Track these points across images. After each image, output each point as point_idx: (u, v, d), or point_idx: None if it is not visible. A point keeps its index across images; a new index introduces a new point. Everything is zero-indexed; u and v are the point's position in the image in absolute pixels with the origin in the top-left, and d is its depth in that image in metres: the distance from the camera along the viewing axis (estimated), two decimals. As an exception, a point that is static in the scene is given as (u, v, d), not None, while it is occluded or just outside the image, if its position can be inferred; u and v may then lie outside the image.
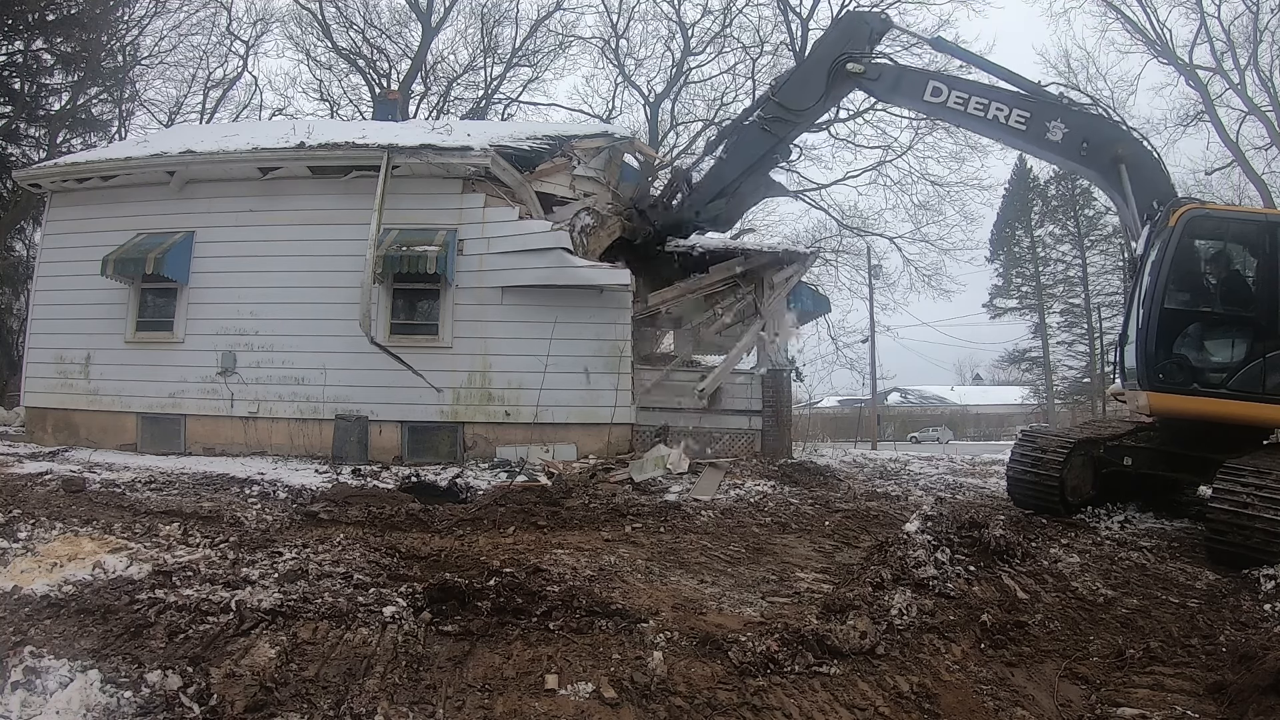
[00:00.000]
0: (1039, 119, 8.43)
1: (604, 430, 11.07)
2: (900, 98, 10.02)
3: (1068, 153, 8.43)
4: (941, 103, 8.98)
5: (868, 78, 9.53)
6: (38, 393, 11.93)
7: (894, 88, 9.65)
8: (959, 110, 8.93)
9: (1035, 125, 8.44)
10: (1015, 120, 8.55)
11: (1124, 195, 7.85)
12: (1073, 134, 8.28)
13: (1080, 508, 7.35)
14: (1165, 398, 6.64)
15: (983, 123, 8.87)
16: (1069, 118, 8.39)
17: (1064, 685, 3.48)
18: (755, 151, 10.37)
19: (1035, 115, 8.45)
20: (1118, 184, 7.96)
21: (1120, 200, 8.03)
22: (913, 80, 9.47)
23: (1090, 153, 8.19)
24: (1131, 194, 7.77)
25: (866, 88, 10.00)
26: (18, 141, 22.31)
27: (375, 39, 28.37)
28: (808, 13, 25.04)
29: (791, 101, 9.97)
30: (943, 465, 14.00)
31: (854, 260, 29.56)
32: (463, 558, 5.26)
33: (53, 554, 4.63)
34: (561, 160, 12.79)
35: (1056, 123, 8.34)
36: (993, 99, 8.69)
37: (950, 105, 8.93)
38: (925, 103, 9.26)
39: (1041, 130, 8.40)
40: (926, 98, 9.10)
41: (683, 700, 3.15)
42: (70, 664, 2.92)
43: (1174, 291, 6.63)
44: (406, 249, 10.74)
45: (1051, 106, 8.51)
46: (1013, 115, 8.56)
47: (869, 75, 9.49)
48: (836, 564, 5.57)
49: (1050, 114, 8.42)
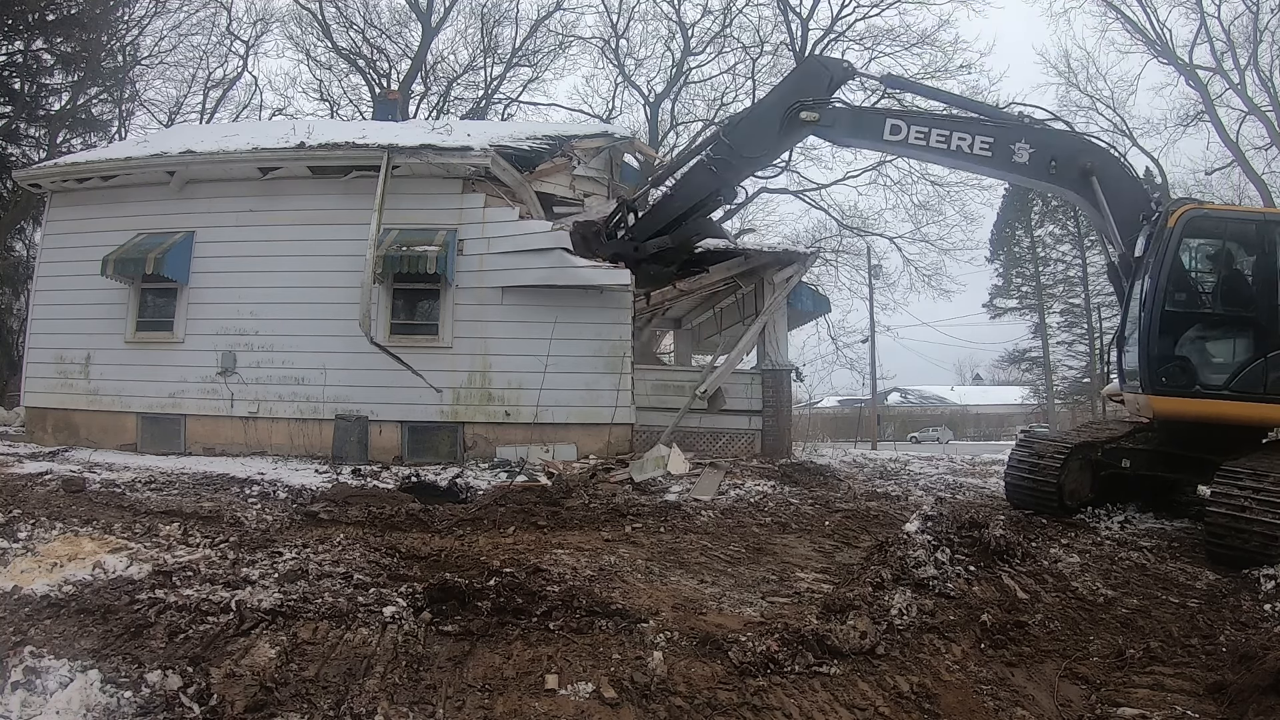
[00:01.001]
0: (1003, 142, 8.25)
1: (604, 430, 11.07)
2: (859, 140, 9.79)
3: (1037, 173, 8.24)
4: (902, 139, 8.75)
5: (823, 124, 9.23)
6: (38, 393, 11.93)
7: (852, 131, 9.39)
8: (921, 145, 8.70)
9: (1000, 149, 8.26)
10: (980, 148, 8.35)
11: (1098, 206, 7.76)
12: (1039, 153, 8.12)
13: (1079, 510, 7.34)
14: (1168, 400, 6.63)
15: (947, 155, 8.66)
16: (1032, 136, 8.24)
17: (1064, 685, 3.48)
18: (699, 191, 10.06)
19: (999, 139, 8.28)
20: (1091, 196, 7.84)
21: (1095, 212, 7.93)
22: (869, 121, 9.20)
23: (1059, 169, 8.02)
24: (1105, 204, 7.70)
25: (822, 134, 9.63)
26: (18, 141, 22.32)
27: (375, 39, 28.42)
28: (808, 13, 25.10)
29: (743, 146, 9.67)
30: (943, 465, 14.00)
31: (854, 260, 29.62)
32: (463, 558, 5.26)
33: (53, 554, 4.63)
34: (561, 160, 12.80)
35: (1021, 144, 8.16)
36: (954, 129, 8.49)
37: (911, 141, 8.70)
38: (885, 142, 8.99)
39: (1008, 154, 8.22)
40: (886, 137, 8.85)
41: (683, 700, 3.15)
42: (70, 664, 2.92)
43: (1174, 293, 6.61)
44: (406, 249, 10.74)
45: (1014, 128, 8.36)
46: (976, 143, 8.36)
47: (824, 122, 9.20)
48: (836, 564, 5.57)
49: (1013, 136, 8.25)
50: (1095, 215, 8.03)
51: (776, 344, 12.16)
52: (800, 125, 9.35)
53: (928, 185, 26.65)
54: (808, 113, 9.18)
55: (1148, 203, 7.74)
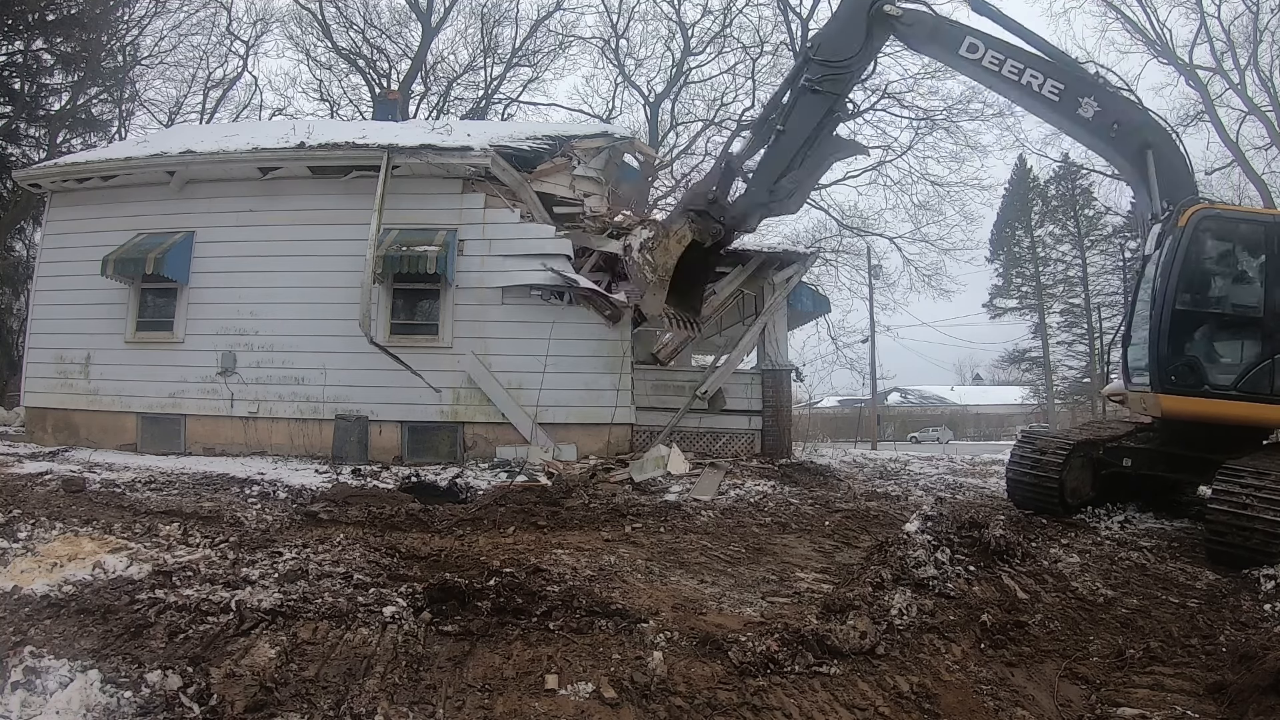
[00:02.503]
0: (1072, 93, 8.24)
1: (604, 430, 11.07)
2: (935, 48, 9.64)
3: (1097, 131, 8.23)
4: (976, 59, 8.71)
5: (904, 23, 9.18)
6: (38, 393, 11.93)
7: (930, 38, 9.31)
8: (993, 71, 8.66)
9: (1068, 98, 8.25)
10: (1049, 90, 8.32)
11: (1148, 183, 7.74)
12: (1104, 113, 8.11)
13: (1080, 509, 7.34)
14: (1177, 399, 6.62)
15: (1015, 88, 8.63)
16: (1103, 97, 8.23)
17: (1064, 685, 3.48)
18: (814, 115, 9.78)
19: (1069, 88, 8.26)
20: (1143, 171, 7.83)
21: (1144, 189, 7.92)
22: (950, 32, 9.14)
23: (1119, 135, 8.04)
24: (1155, 183, 7.69)
25: (902, 34, 9.52)
26: (18, 141, 22.32)
27: (375, 39, 28.44)
28: (808, 13, 25.09)
29: (835, 55, 9.49)
30: (943, 465, 14.00)
31: (854, 260, 29.63)
32: (463, 558, 5.25)
33: (53, 554, 4.63)
34: (561, 160, 12.79)
35: (1089, 100, 8.15)
36: (1028, 64, 8.45)
37: (985, 64, 8.66)
38: (959, 58, 8.97)
39: (1074, 105, 8.21)
40: (962, 53, 8.82)
41: (683, 700, 3.14)
42: (70, 664, 2.92)
43: (1184, 292, 6.60)
44: (406, 249, 10.74)
45: (1086, 83, 8.36)
46: (1047, 84, 8.34)
47: (905, 20, 9.16)
48: (836, 564, 5.57)
49: (1084, 90, 8.24)
50: (1142, 193, 8.00)
51: (776, 344, 12.15)
52: (884, 21, 9.29)
53: (928, 185, 26.70)
54: (891, 6, 9.13)
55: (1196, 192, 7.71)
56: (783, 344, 12.31)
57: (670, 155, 27.81)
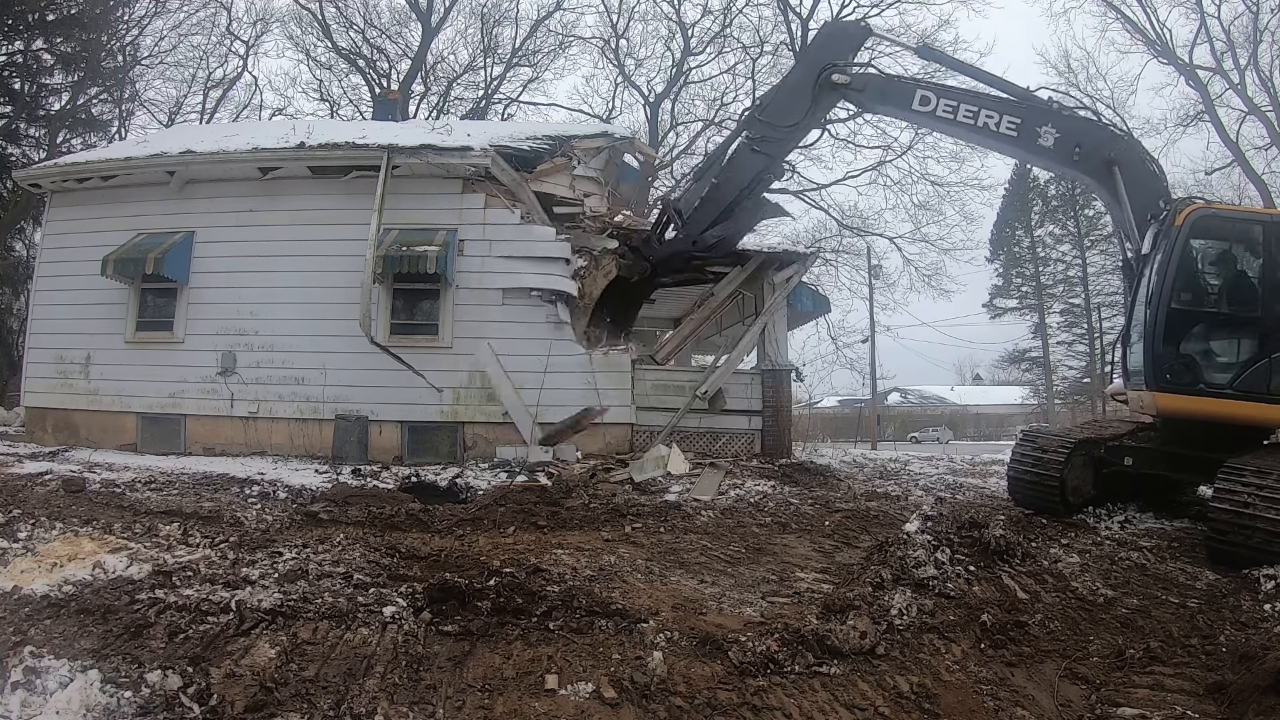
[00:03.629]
0: (1030, 124, 8.31)
1: (604, 430, 11.06)
2: (887, 107, 9.85)
3: (1060, 158, 8.32)
4: (930, 111, 8.84)
5: (853, 89, 9.35)
6: (38, 393, 11.93)
7: (880, 98, 9.48)
8: (948, 119, 8.77)
9: (1026, 131, 8.33)
10: (1006, 127, 8.40)
11: (1118, 198, 7.79)
12: (1064, 138, 8.18)
13: (1081, 508, 7.35)
14: (1173, 398, 6.63)
15: (973, 130, 8.72)
16: (1060, 122, 8.29)
17: (1064, 685, 3.48)
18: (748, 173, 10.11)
19: (1026, 121, 8.34)
20: (1112, 187, 7.89)
21: (1114, 203, 7.97)
22: (900, 89, 9.30)
23: (1083, 157, 8.09)
24: (1125, 196, 7.73)
25: (852, 99, 9.75)
26: (18, 141, 22.33)
27: (375, 39, 28.45)
28: (808, 13, 25.11)
29: (778, 118, 9.74)
30: (943, 465, 14.00)
31: (854, 260, 29.63)
32: (463, 558, 5.25)
33: (53, 554, 4.63)
34: (561, 160, 12.79)
35: (1047, 128, 8.23)
36: (982, 106, 8.55)
37: (939, 114, 8.78)
38: (913, 112, 9.08)
39: (1033, 136, 8.29)
40: (915, 107, 8.94)
41: (683, 700, 3.14)
42: (70, 664, 2.92)
43: (1180, 291, 6.61)
44: (406, 249, 10.74)
45: (1042, 111, 8.41)
46: (1003, 122, 8.41)
47: (854, 86, 9.31)
48: (836, 564, 5.57)
49: (1041, 119, 8.30)
50: (1114, 206, 8.05)
51: (776, 344, 12.15)
52: (832, 89, 9.45)
53: (928, 185, 26.69)
54: (839, 75, 9.28)
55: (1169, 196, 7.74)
56: (783, 344, 12.30)
57: (670, 155, 27.82)
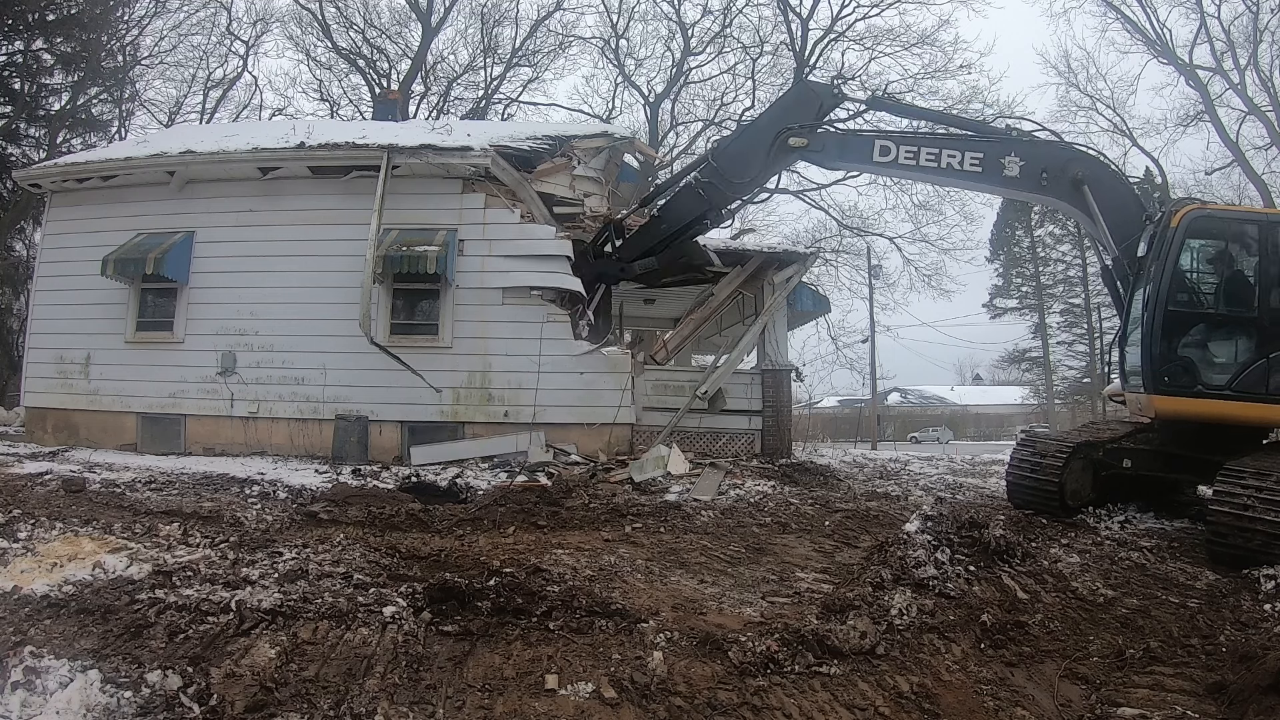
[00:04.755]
0: (993, 157, 8.28)
1: (604, 430, 11.06)
2: (849, 162, 9.77)
3: (1029, 185, 8.27)
4: (892, 160, 8.79)
5: (811, 150, 9.31)
6: (38, 393, 11.92)
7: (840, 154, 9.39)
8: (910, 165, 8.73)
9: (991, 164, 8.29)
10: (970, 164, 8.36)
11: (1090, 214, 7.79)
12: (1030, 165, 8.15)
13: (1080, 510, 7.34)
14: (1170, 400, 6.63)
15: (938, 173, 8.69)
16: (1022, 149, 8.26)
17: (1064, 685, 3.48)
18: (687, 214, 10.11)
19: (989, 154, 8.31)
20: (1083, 205, 7.86)
21: (1088, 219, 7.96)
22: (858, 144, 9.22)
23: (1051, 181, 8.05)
24: (1098, 211, 7.72)
25: (811, 159, 9.70)
26: (18, 141, 22.34)
27: (375, 39, 28.46)
28: (808, 13, 25.14)
29: (731, 170, 9.71)
30: (943, 465, 14.01)
31: (854, 260, 29.64)
32: (463, 558, 5.25)
33: (53, 554, 4.63)
34: (561, 160, 12.79)
35: (1011, 157, 8.19)
36: (943, 147, 8.51)
37: (901, 161, 8.75)
38: (875, 163, 9.03)
39: (998, 168, 8.25)
40: (876, 158, 8.89)
41: (683, 700, 3.15)
42: (70, 664, 2.92)
43: (1177, 293, 6.61)
44: (407, 249, 10.74)
45: (1003, 142, 8.40)
46: (966, 159, 8.37)
47: (813, 147, 9.27)
48: (836, 564, 5.57)
49: (1003, 150, 8.28)
50: (1088, 223, 8.06)
51: (776, 344, 12.15)
52: (789, 151, 9.40)
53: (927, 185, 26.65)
54: (796, 138, 9.23)
55: (1140, 205, 7.74)
56: (783, 344, 12.31)
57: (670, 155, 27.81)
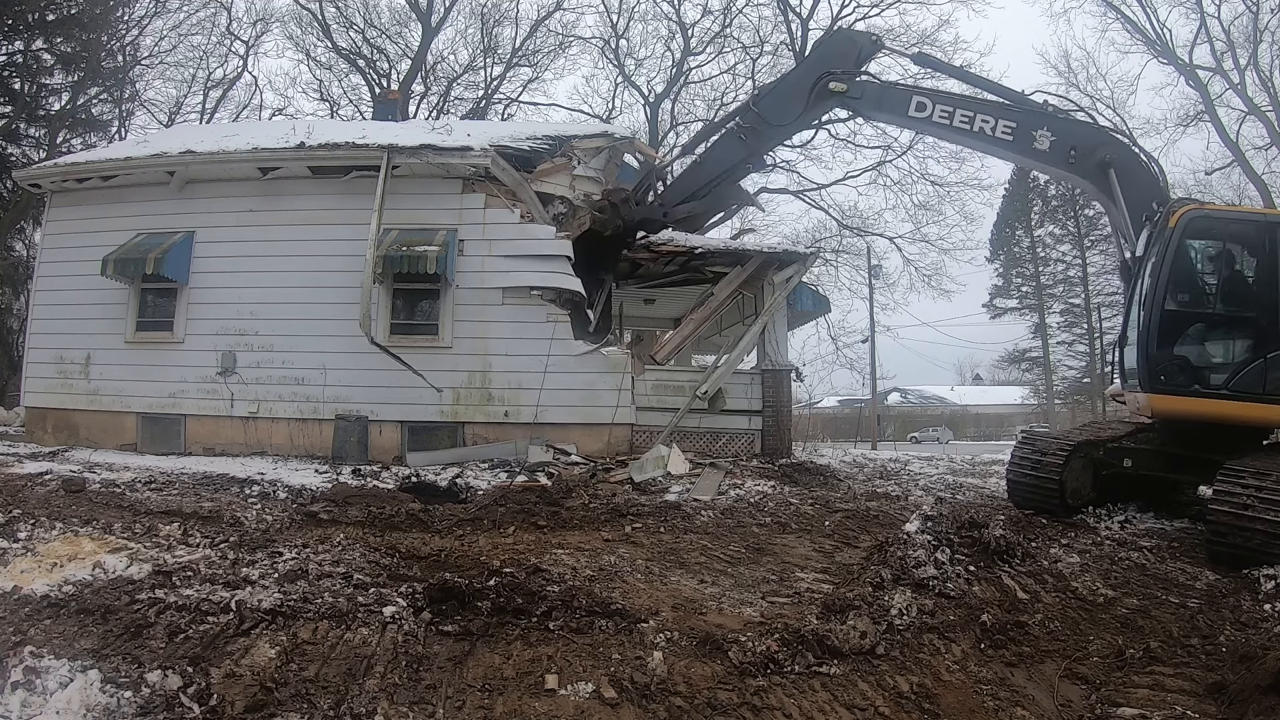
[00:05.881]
0: (1025, 128, 8.34)
1: (604, 430, 11.06)
2: (884, 114, 9.89)
3: (1056, 161, 8.33)
4: (926, 117, 8.88)
5: (850, 96, 9.38)
6: (38, 393, 11.92)
7: (877, 104, 9.50)
8: (944, 124, 8.81)
9: (1022, 135, 8.36)
10: (1002, 131, 8.44)
11: (1114, 199, 7.81)
12: (1060, 141, 8.20)
13: (1080, 509, 7.35)
14: (1167, 399, 6.63)
15: (969, 136, 8.76)
16: (1055, 125, 8.31)
17: (1064, 685, 3.48)
18: (730, 159, 10.16)
19: (1022, 125, 8.37)
20: (1107, 188, 7.90)
21: (1111, 205, 7.99)
22: (896, 97, 9.35)
23: (1078, 159, 8.11)
24: (1121, 197, 7.73)
25: (849, 105, 9.80)
26: (18, 141, 22.34)
27: (375, 39, 28.46)
28: (808, 13, 25.16)
29: (771, 114, 9.77)
30: (943, 465, 14.01)
31: (854, 260, 29.63)
32: (463, 558, 5.25)
33: (53, 554, 4.63)
34: (561, 160, 12.78)
35: (1043, 131, 8.25)
36: (978, 111, 8.59)
37: (935, 120, 8.82)
38: (910, 118, 9.15)
39: (1029, 140, 8.32)
40: (911, 113, 8.99)
41: (683, 700, 3.14)
42: (70, 664, 2.92)
43: (1174, 292, 6.61)
44: (407, 249, 10.74)
45: (1037, 115, 8.43)
46: (999, 126, 8.45)
47: (851, 94, 9.35)
48: (836, 564, 5.57)
49: (1036, 122, 8.33)
50: (1111, 208, 8.07)
51: (776, 344, 12.15)
52: (828, 96, 9.45)
53: (928, 185, 26.69)
54: (836, 83, 9.28)
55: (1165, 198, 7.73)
56: (783, 344, 12.31)
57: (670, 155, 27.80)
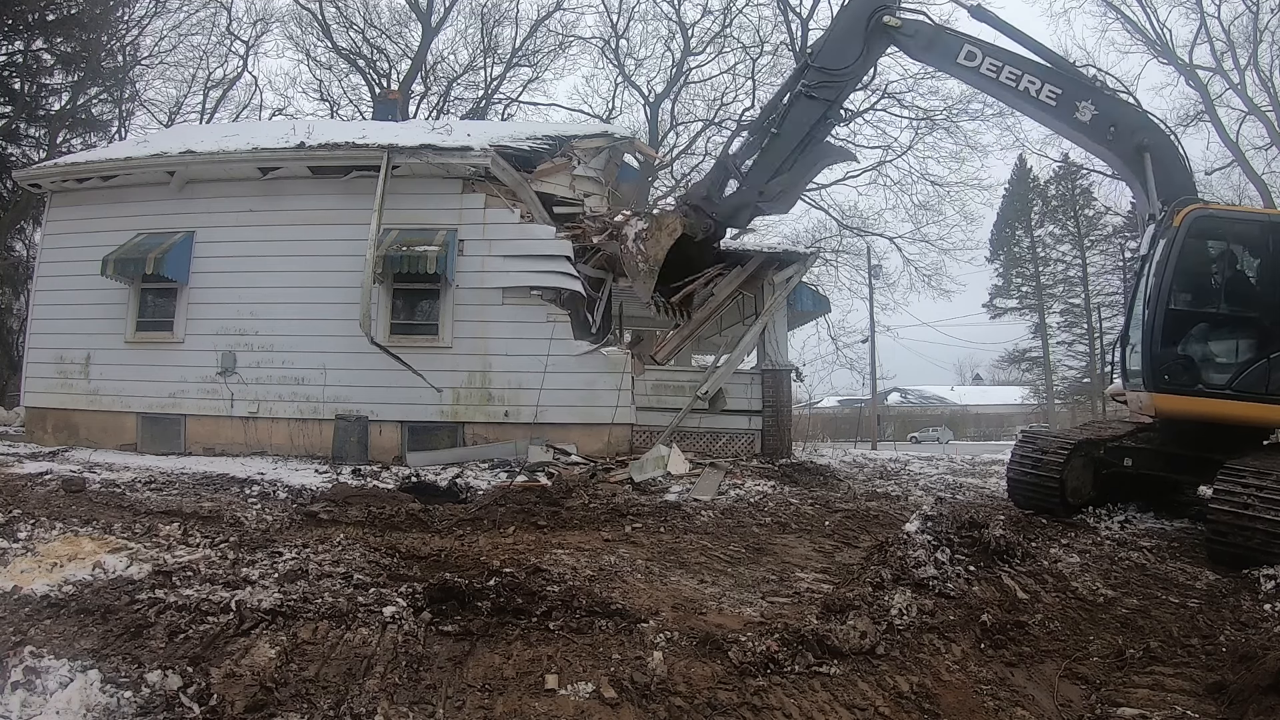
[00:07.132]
0: (1069, 97, 8.34)
1: (604, 430, 11.06)
2: (932, 57, 9.84)
3: (1094, 134, 8.32)
4: (974, 68, 8.87)
5: (903, 33, 9.39)
6: (38, 393, 11.93)
7: (928, 47, 9.48)
8: (990, 78, 8.82)
9: (1065, 103, 8.35)
10: (1046, 95, 8.44)
11: (1145, 185, 7.79)
12: (1101, 116, 8.20)
13: (1081, 509, 7.35)
14: (1170, 399, 6.63)
15: (1013, 93, 8.77)
16: (1100, 100, 8.31)
17: (1064, 685, 3.48)
18: (808, 119, 10.07)
19: (1066, 93, 8.37)
20: (1140, 173, 7.89)
21: (1140, 190, 7.98)
22: (948, 42, 9.30)
23: (1116, 137, 8.11)
24: (1153, 184, 7.72)
25: (901, 43, 9.74)
26: (18, 141, 22.33)
27: (375, 39, 28.46)
28: (808, 13, 25.09)
29: (833, 63, 9.79)
30: (942, 465, 14.01)
31: (854, 260, 29.60)
32: (463, 558, 5.25)
33: (53, 554, 4.63)
34: (562, 160, 12.79)
35: (1087, 103, 8.25)
36: (1026, 70, 8.58)
37: (983, 71, 8.82)
38: (957, 65, 9.14)
39: (1071, 109, 8.32)
40: (960, 60, 8.98)
41: (683, 700, 3.14)
42: (70, 664, 2.92)
43: (1178, 292, 6.61)
44: (407, 249, 10.74)
45: (1084, 86, 8.44)
46: (1044, 90, 8.44)
47: (905, 31, 9.36)
48: (836, 564, 5.57)
49: (1081, 94, 8.34)
50: (1140, 194, 8.05)
51: (776, 344, 12.14)
52: (884, 31, 9.45)
53: (927, 185, 26.69)
54: (890, 17, 9.30)
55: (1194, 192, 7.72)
56: (783, 344, 12.30)
57: (670, 155, 27.82)
